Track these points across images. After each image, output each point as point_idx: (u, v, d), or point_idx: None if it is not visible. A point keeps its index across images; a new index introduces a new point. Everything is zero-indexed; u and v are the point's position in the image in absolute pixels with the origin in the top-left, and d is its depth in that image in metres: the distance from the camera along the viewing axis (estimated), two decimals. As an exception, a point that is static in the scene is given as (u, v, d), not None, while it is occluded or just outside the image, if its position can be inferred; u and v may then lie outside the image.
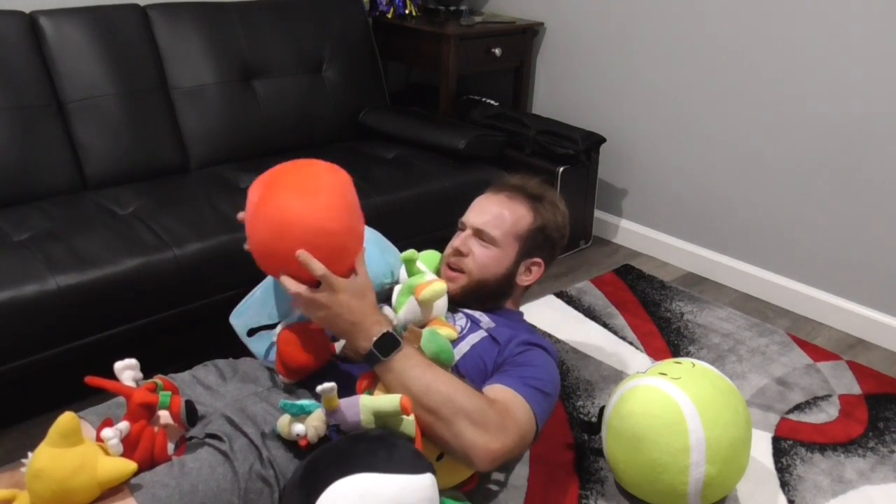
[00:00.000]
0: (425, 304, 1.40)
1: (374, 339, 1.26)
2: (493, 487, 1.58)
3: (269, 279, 1.45)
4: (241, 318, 1.44)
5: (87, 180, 2.10)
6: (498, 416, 1.28)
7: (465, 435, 1.25)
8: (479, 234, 1.59)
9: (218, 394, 1.38)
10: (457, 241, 1.61)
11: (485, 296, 1.60)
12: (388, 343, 1.27)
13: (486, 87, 3.10)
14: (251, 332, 1.45)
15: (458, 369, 1.41)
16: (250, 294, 1.45)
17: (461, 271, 1.58)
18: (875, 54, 2.07)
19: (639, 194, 2.77)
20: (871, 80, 2.10)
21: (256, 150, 2.39)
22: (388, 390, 1.27)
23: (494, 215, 1.59)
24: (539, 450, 1.70)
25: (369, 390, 1.32)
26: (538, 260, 1.63)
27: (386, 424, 1.22)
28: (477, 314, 1.57)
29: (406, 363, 1.26)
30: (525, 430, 1.34)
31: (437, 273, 1.59)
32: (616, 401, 1.55)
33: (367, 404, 1.22)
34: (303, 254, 1.21)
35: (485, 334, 1.51)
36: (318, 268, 1.22)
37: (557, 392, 1.49)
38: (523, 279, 1.63)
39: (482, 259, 1.57)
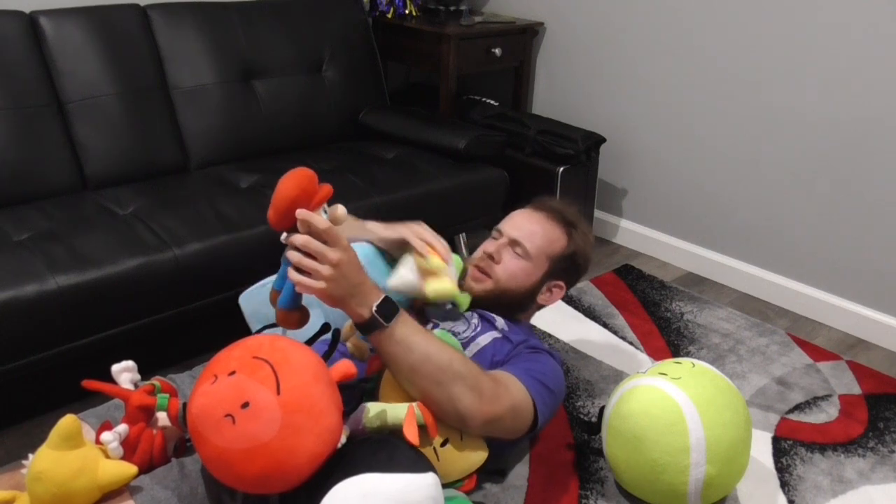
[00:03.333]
0: (432, 295, 1.38)
1: (376, 303, 1.22)
2: (493, 487, 1.58)
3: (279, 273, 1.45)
4: (251, 303, 1.44)
5: (87, 180, 2.10)
6: (491, 383, 1.31)
7: (462, 399, 1.26)
8: (514, 244, 1.62)
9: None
10: (491, 247, 1.63)
11: (505, 305, 1.62)
12: (389, 308, 1.23)
13: (486, 87, 3.10)
14: (259, 333, 1.45)
15: None
16: (262, 283, 1.45)
17: (488, 276, 1.61)
18: (875, 55, 2.07)
19: (639, 194, 2.77)
20: (871, 81, 2.09)
21: (256, 150, 2.39)
22: (387, 360, 1.27)
23: (532, 231, 1.63)
24: (539, 450, 1.70)
25: (380, 371, 1.34)
26: (561, 283, 1.67)
27: (381, 417, 1.23)
28: (492, 314, 1.60)
29: (406, 330, 1.24)
30: (518, 403, 1.35)
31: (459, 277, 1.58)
32: (616, 401, 1.55)
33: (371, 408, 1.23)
34: (302, 212, 1.16)
35: (497, 335, 1.54)
36: (322, 222, 1.17)
37: (561, 393, 1.51)
38: (543, 298, 1.67)
39: (512, 268, 1.60)
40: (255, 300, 1.50)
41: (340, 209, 1.25)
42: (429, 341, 1.26)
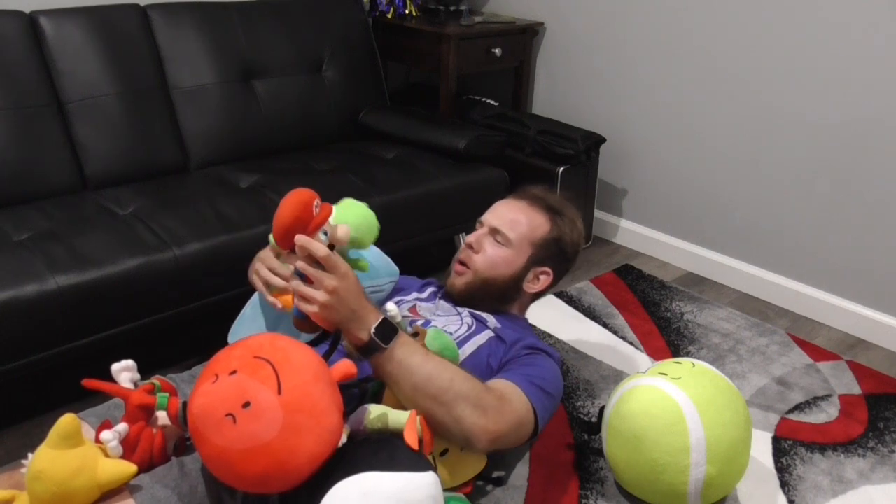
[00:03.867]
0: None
1: (374, 326, 1.22)
2: (494, 488, 1.58)
3: (256, 295, 1.45)
4: (237, 336, 1.44)
5: (87, 180, 2.10)
6: (496, 400, 1.30)
7: (466, 419, 1.25)
8: (494, 232, 1.61)
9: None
10: (471, 238, 1.63)
11: (491, 296, 1.61)
12: (387, 330, 1.23)
13: (486, 87, 3.10)
14: None
15: (463, 368, 1.42)
16: (241, 313, 1.46)
17: (468, 267, 1.61)
18: (875, 55, 2.07)
19: (639, 194, 2.77)
20: (871, 81, 2.09)
21: (256, 150, 2.39)
22: (388, 382, 1.26)
23: (513, 219, 1.62)
24: (539, 450, 1.70)
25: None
26: (547, 269, 1.65)
27: (383, 420, 1.23)
28: (484, 315, 1.59)
29: (405, 350, 1.24)
30: (522, 418, 1.35)
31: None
32: (616, 401, 1.55)
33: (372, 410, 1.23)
34: (301, 238, 1.17)
35: (491, 334, 1.54)
36: (320, 249, 1.18)
37: (560, 395, 1.50)
38: (530, 286, 1.65)
39: (493, 257, 1.60)
40: (243, 331, 1.49)
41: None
42: (429, 361, 1.25)
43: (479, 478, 1.43)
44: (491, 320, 1.57)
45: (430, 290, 1.70)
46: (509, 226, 1.61)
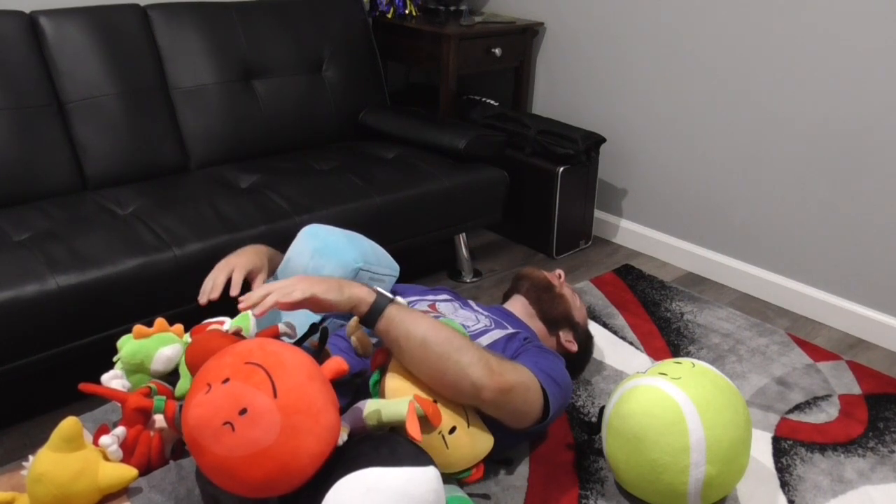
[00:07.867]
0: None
1: (375, 287, 1.31)
2: (494, 487, 1.58)
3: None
4: None
5: (87, 180, 2.10)
6: (497, 358, 1.36)
7: (474, 367, 1.29)
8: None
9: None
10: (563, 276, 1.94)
11: (547, 307, 1.81)
12: (385, 294, 1.32)
13: (486, 87, 3.10)
14: None
15: None
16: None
17: (557, 284, 1.88)
18: (874, 55, 2.07)
19: (639, 194, 2.77)
20: (870, 81, 2.09)
21: (256, 150, 2.39)
22: (397, 341, 1.29)
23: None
24: (539, 450, 1.70)
25: (382, 367, 1.35)
26: (576, 344, 1.85)
27: (382, 414, 1.24)
28: (505, 321, 1.67)
29: (406, 309, 1.32)
30: (528, 382, 1.39)
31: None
32: (616, 401, 1.55)
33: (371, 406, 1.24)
34: (246, 308, 1.26)
35: (508, 331, 1.61)
36: (261, 288, 1.27)
37: (568, 390, 1.54)
38: (563, 336, 1.83)
39: (573, 294, 1.90)
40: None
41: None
42: (427, 317, 1.32)
43: (487, 460, 1.43)
44: (510, 329, 1.64)
45: (445, 295, 1.75)
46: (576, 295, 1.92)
